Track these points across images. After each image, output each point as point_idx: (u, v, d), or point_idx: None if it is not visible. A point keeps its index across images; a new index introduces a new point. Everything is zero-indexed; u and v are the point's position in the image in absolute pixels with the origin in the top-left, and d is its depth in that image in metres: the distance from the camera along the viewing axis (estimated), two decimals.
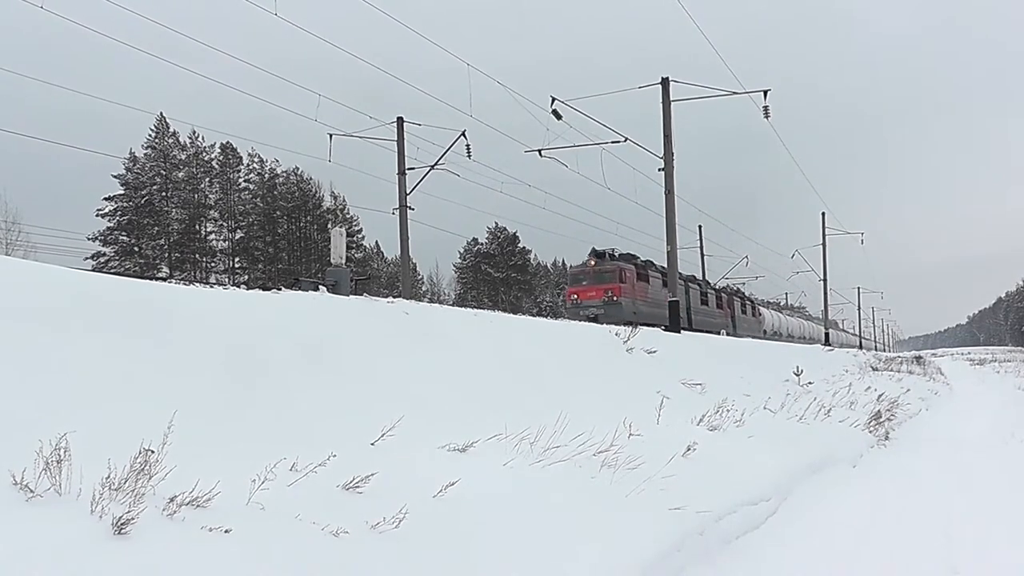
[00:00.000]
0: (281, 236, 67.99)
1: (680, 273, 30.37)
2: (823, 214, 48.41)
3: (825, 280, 49.01)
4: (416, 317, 9.43)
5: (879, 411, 14.38)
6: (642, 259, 31.18)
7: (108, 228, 59.01)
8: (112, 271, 37.72)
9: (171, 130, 61.37)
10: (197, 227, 62.84)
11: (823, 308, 53.14)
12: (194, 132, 62.51)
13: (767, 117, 22.33)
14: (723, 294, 40.47)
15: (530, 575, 4.55)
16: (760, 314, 48.19)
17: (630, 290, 28.09)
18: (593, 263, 28.65)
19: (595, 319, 23.45)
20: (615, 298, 27.17)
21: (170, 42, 19.73)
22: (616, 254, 29.20)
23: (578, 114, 21.23)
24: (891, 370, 29.13)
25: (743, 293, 47.83)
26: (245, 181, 67.86)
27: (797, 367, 17.10)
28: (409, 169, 27.39)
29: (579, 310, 27.16)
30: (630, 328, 13.71)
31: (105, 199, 58.74)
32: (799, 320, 64.40)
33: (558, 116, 20.82)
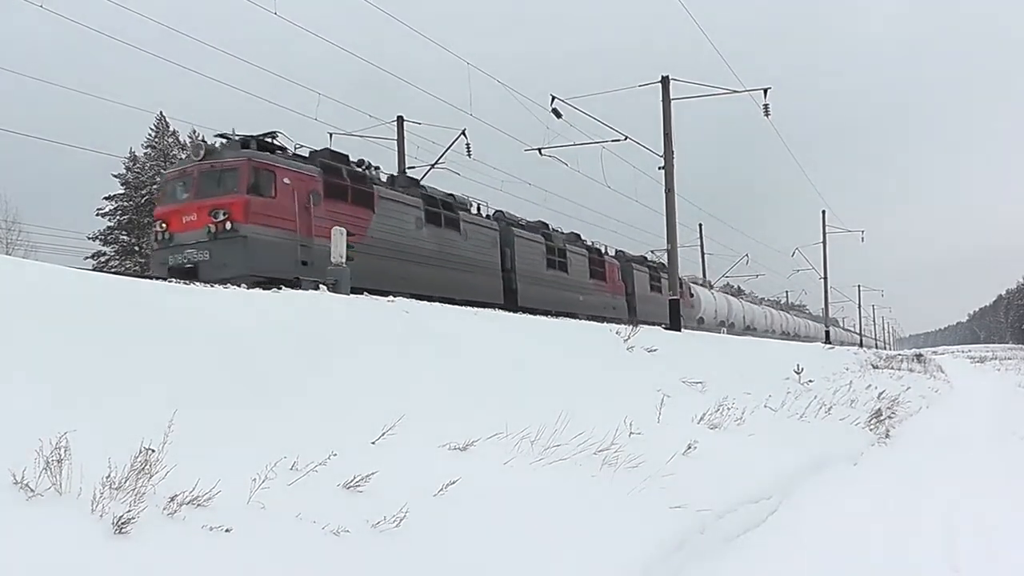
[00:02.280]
0: None
1: (501, 212, 21.17)
2: (823, 212, 48.12)
3: (825, 278, 48.89)
4: (416, 316, 9.44)
5: (880, 409, 14.39)
6: (386, 174, 17.06)
7: (108, 227, 58.89)
8: (113, 270, 37.76)
9: (171, 129, 61.13)
10: None
11: (823, 306, 53.05)
12: (194, 132, 62.36)
13: (767, 115, 22.29)
14: (616, 261, 26.45)
15: (531, 574, 4.55)
16: (692, 295, 33.54)
17: (278, 211, 13.04)
18: (200, 155, 13.67)
19: (193, 271, 12.01)
20: (230, 226, 12.47)
21: (170, 42, 19.69)
22: (290, 150, 14.41)
23: (578, 113, 21.10)
24: (891, 368, 29.09)
25: (654, 263, 30.87)
26: None
27: (798, 365, 17.09)
28: (409, 168, 27.31)
29: (167, 255, 12.87)
30: (631, 327, 13.68)
31: (105, 198, 58.52)
32: (766, 309, 52.35)
33: (558, 115, 20.76)
